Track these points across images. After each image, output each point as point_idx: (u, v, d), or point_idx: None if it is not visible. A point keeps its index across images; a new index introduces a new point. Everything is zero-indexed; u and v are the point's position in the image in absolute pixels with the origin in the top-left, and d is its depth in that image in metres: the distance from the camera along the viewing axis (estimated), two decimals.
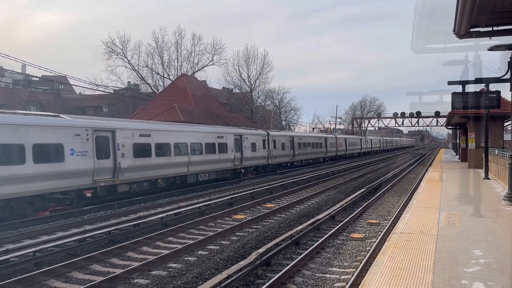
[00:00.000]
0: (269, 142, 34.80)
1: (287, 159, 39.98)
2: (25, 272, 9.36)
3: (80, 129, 16.83)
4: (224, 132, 28.62)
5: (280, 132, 41.35)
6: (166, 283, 8.60)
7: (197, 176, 24.90)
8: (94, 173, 17.23)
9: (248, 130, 33.55)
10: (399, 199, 19.67)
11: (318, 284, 8.51)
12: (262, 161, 34.10)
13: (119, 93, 62.55)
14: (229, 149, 28.12)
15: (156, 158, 21.05)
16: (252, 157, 31.81)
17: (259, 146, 32.86)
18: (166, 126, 23.80)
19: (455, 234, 9.16)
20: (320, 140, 51.01)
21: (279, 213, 16.54)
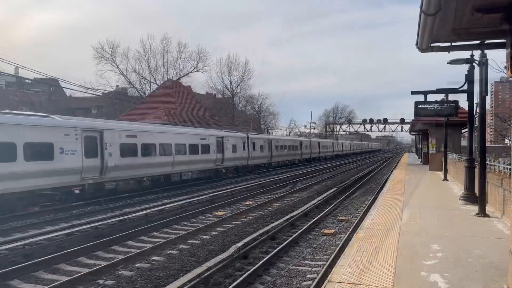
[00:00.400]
0: (248, 144, 34.79)
1: (265, 160, 40.06)
2: (15, 264, 9.13)
3: (69, 129, 16.59)
4: (207, 134, 28.44)
5: (259, 135, 41.39)
6: (149, 275, 8.51)
7: (181, 175, 24.77)
8: (82, 171, 16.98)
9: (229, 132, 33.51)
10: (367, 198, 19.91)
11: (292, 275, 8.56)
12: (242, 162, 34.04)
13: (107, 96, 61.66)
14: (211, 150, 27.99)
15: (142, 157, 20.81)
16: (233, 158, 31.74)
17: (239, 148, 32.82)
18: (151, 128, 23.51)
19: (416, 230, 9.33)
20: (296, 143, 51.14)
21: (256, 210, 16.56)
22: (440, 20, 5.08)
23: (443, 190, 17.08)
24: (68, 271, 9.02)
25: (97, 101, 66.41)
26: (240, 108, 78.62)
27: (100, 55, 59.76)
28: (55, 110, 64.12)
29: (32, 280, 8.41)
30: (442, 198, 14.68)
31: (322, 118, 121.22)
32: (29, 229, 13.00)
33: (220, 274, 8.38)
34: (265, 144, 39.27)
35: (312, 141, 60.57)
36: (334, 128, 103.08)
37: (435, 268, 6.50)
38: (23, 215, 14.68)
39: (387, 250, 7.58)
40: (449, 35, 5.92)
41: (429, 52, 6.72)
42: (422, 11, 4.87)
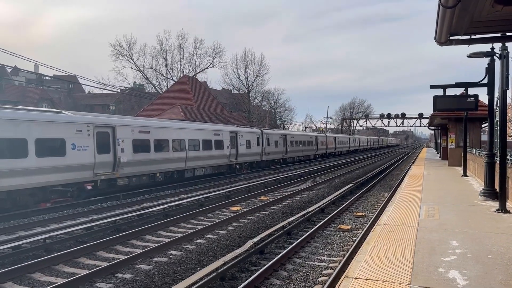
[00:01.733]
0: (263, 139, 34.49)
1: (280, 156, 39.75)
2: (36, 258, 9.36)
3: (81, 125, 16.58)
4: (221, 129, 28.21)
5: (274, 130, 40.83)
6: (167, 269, 8.63)
7: (194, 171, 24.73)
8: (94, 167, 17.01)
9: (243, 128, 33.18)
10: (384, 194, 19.76)
11: (308, 271, 8.56)
12: (256, 158, 33.83)
13: (125, 92, 62.42)
14: (225, 146, 27.86)
15: (155, 153, 20.76)
16: (247, 153, 31.54)
17: (253, 143, 32.59)
18: (164, 123, 23.29)
19: (434, 226, 9.22)
20: (311, 138, 50.47)
21: (272, 206, 16.58)
22: (459, 13, 5.00)
23: (462, 186, 16.81)
24: (87, 264, 9.20)
25: (115, 97, 67.31)
26: (256, 104, 78.73)
27: (117, 52, 60.55)
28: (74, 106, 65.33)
29: (53, 273, 8.61)
30: (461, 194, 14.46)
31: (338, 113, 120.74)
32: (50, 223, 13.30)
33: (237, 269, 8.44)
34: (280, 140, 38.86)
35: (328, 136, 59.79)
36: (351, 123, 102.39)
37: (453, 265, 6.42)
38: (44, 209, 15.01)
39: (404, 246, 7.51)
40: (469, 28, 5.82)
41: (448, 45, 6.62)
42: (440, 4, 4.80)
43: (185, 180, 23.67)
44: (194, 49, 66.17)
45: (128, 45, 61.52)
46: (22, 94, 61.17)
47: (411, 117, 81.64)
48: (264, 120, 70.81)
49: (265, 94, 78.09)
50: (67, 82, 73.53)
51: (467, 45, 7.06)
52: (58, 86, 74.40)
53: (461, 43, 6.76)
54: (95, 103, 73.78)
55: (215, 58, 66.09)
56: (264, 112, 75.93)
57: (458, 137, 27.95)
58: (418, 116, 79.77)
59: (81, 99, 74.56)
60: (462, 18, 5.19)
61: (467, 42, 6.82)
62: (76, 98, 76.05)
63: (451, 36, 6.06)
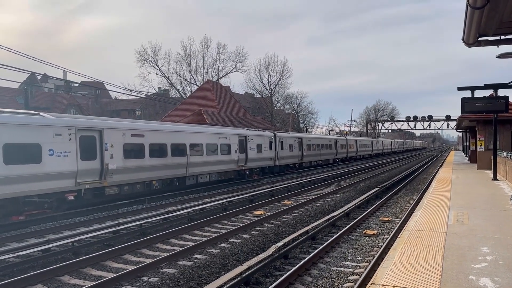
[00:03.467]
0: (276, 143, 32.74)
1: (295, 160, 37.68)
2: (65, 260, 9.59)
3: (61, 128, 14.97)
4: (227, 133, 26.29)
5: (288, 133, 38.99)
6: (192, 273, 8.68)
7: (197, 177, 22.87)
8: (77, 175, 15.38)
9: (254, 131, 31.34)
10: (411, 198, 19.38)
11: (333, 277, 8.47)
12: (269, 162, 31.90)
13: (150, 97, 63.46)
14: (233, 150, 26.13)
15: (150, 159, 19.04)
16: (258, 158, 29.72)
17: (265, 147, 30.78)
18: (161, 126, 21.65)
19: (463, 231, 8.98)
20: (330, 141, 48.37)
21: (296, 210, 16.49)
22: (488, 13, 4.87)
23: (492, 190, 16.31)
24: (114, 267, 9.36)
25: (141, 102, 68.54)
26: (279, 107, 78.65)
27: (143, 58, 61.67)
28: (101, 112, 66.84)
29: (80, 276, 8.79)
30: (492, 198, 14.03)
31: (363, 116, 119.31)
32: (78, 226, 13.60)
33: (261, 273, 8.42)
34: (295, 143, 36.91)
35: (349, 139, 57.40)
36: (375, 126, 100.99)
37: (484, 272, 6.23)
38: (73, 212, 15.36)
39: (433, 252, 7.34)
40: (498, 28, 5.66)
41: (477, 46, 6.46)
42: (468, 5, 4.68)
43: (186, 188, 22.01)
44: (217, 54, 66.88)
45: (153, 51, 62.67)
46: (51, 100, 62.95)
47: (438, 120, 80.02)
48: (287, 123, 70.68)
49: (288, 97, 78.02)
50: (94, 89, 75.33)
51: (497, 45, 6.86)
52: (86, 92, 76.32)
53: (490, 44, 6.57)
54: (121, 108, 75.28)
55: (238, 63, 66.57)
56: (287, 116, 75.78)
57: (487, 140, 27.19)
58: (445, 118, 78.10)
59: (108, 105, 76.19)
60: (491, 19, 5.05)
61: (496, 43, 6.62)
62: (103, 104, 77.77)
63: (479, 37, 5.90)
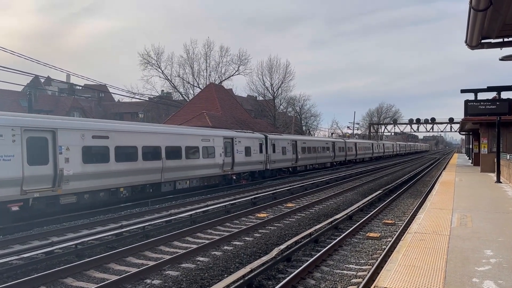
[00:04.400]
0: (267, 146, 30.77)
1: (289, 164, 35.61)
2: (68, 263, 9.60)
3: (2, 128, 13.08)
4: (211, 134, 24.33)
5: (282, 136, 36.55)
6: (195, 275, 8.68)
7: (175, 183, 20.83)
8: (23, 182, 13.43)
9: (242, 133, 29.17)
10: (414, 201, 19.33)
11: (336, 279, 8.45)
12: (259, 166, 29.76)
13: (153, 100, 63.62)
14: (217, 153, 24.16)
15: (117, 163, 17.02)
16: (246, 162, 27.70)
17: (254, 150, 28.70)
18: (130, 127, 18.98)
19: (467, 234, 8.94)
20: (327, 144, 46.28)
21: (299, 212, 16.47)
22: (491, 15, 4.86)
23: (496, 193, 16.25)
24: (117, 270, 9.36)
25: (144, 105, 68.73)
26: (282, 110, 78.68)
27: (146, 61, 61.84)
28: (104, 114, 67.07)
29: (84, 278, 8.80)
30: (495, 201, 13.97)
31: (365, 118, 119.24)
32: (81, 229, 13.62)
33: (264, 276, 8.41)
34: (288, 146, 34.90)
35: (348, 142, 55.35)
36: (378, 129, 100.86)
37: (488, 275, 6.20)
38: (76, 215, 15.39)
39: (436, 255, 7.31)
40: (501, 30, 5.65)
41: (480, 49, 6.45)
42: (471, 7, 4.67)
43: (162, 195, 20.03)
44: (220, 57, 66.97)
45: (156, 54, 62.85)
46: (55, 103, 63.21)
47: (441, 122, 79.94)
48: (290, 126, 70.68)
49: (290, 100, 78.02)
50: (97, 91, 75.62)
51: (500, 48, 6.85)
52: (89, 95, 76.69)
53: (494, 46, 6.56)
54: (124, 111, 75.49)
55: (240, 66, 66.67)
56: (290, 119, 75.79)
57: (490, 142, 27.10)
58: (448, 121, 78.04)
59: (111, 108, 76.46)
60: (494, 21, 5.04)
61: (499, 45, 6.61)
62: (106, 107, 78.05)
63: (482, 39, 5.90)
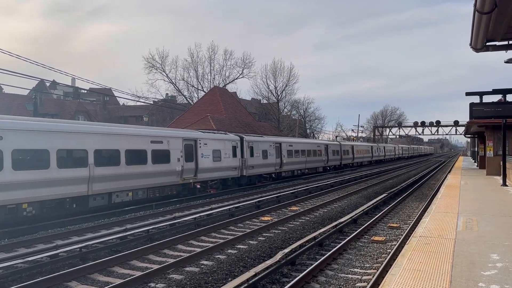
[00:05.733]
0: (243, 149, 26.69)
1: (271, 170, 31.05)
2: (72, 266, 9.61)
3: None
4: (165, 135, 20.02)
5: (262, 138, 31.70)
6: (199, 279, 8.66)
7: (110, 196, 16.69)
8: None
9: (209, 133, 24.77)
10: (419, 204, 19.23)
11: (341, 283, 8.40)
12: (232, 173, 25.60)
13: (158, 104, 63.84)
14: (174, 158, 19.95)
15: (15, 172, 13.08)
16: (215, 168, 23.59)
17: (226, 154, 24.66)
18: (38, 124, 14.50)
19: (472, 238, 8.88)
20: (319, 147, 41.56)
21: (303, 216, 16.41)
22: (496, 18, 4.83)
23: (502, 196, 16.13)
24: (121, 273, 9.36)
25: (148, 109, 68.96)
26: (286, 113, 78.68)
27: (150, 64, 62.17)
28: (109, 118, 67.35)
29: (88, 282, 8.80)
30: (501, 204, 13.87)
31: (370, 121, 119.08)
32: (85, 232, 13.64)
33: (268, 280, 8.38)
34: (271, 149, 30.55)
35: (343, 144, 50.87)
36: (383, 132, 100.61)
37: (494, 279, 6.14)
38: (80, 218, 15.42)
39: (441, 259, 7.26)
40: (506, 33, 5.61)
41: (484, 51, 6.42)
42: (476, 10, 4.65)
43: (91, 211, 16.18)
44: (224, 60, 67.36)
45: (160, 58, 63.24)
46: (60, 107, 63.56)
47: (446, 125, 79.78)
48: (294, 129, 70.64)
49: (294, 103, 78.04)
50: (102, 95, 75.93)
51: (505, 50, 6.81)
52: (94, 98, 77.07)
53: (499, 49, 6.52)
54: (129, 114, 75.79)
55: (244, 69, 66.93)
56: (294, 122, 75.74)
57: (496, 145, 26.95)
58: (453, 123, 77.86)
59: (116, 111, 76.75)
60: (499, 24, 5.01)
61: (504, 47, 6.57)
62: (111, 110, 78.35)
63: (487, 42, 5.87)
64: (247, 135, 29.17)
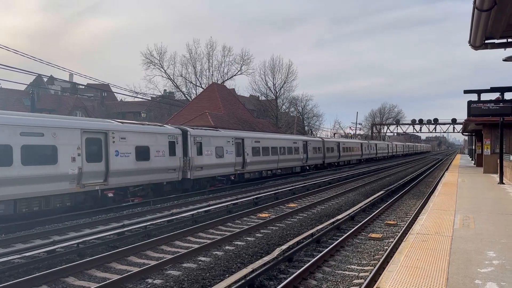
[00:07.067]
0: (187, 146, 21.73)
1: (230, 170, 25.77)
2: (69, 262, 9.61)
3: None
4: (48, 125, 14.73)
5: (217, 131, 26.37)
6: (196, 275, 8.66)
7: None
8: None
9: (130, 125, 19.02)
10: (416, 202, 19.28)
11: (338, 280, 8.42)
12: (169, 176, 20.36)
13: (156, 100, 63.70)
14: (64, 158, 14.95)
15: None
16: (139, 170, 18.29)
17: (160, 152, 19.63)
18: None
19: (469, 235, 8.91)
20: (296, 143, 36.27)
21: (301, 213, 16.43)
22: (495, 16, 4.83)
23: (498, 194, 16.19)
24: (119, 269, 9.36)
25: (146, 105, 68.87)
26: (284, 110, 78.64)
27: (148, 60, 61.97)
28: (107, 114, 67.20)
29: (85, 278, 8.80)
30: (498, 202, 13.92)
31: (368, 119, 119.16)
32: (83, 228, 13.63)
33: (265, 276, 8.39)
34: (228, 146, 25.40)
35: (327, 141, 45.67)
36: (381, 129, 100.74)
37: (491, 276, 6.17)
38: (77, 214, 15.40)
39: (438, 256, 7.28)
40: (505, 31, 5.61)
41: (483, 49, 6.42)
42: (475, 7, 4.64)
43: None
44: (222, 56, 67.10)
45: (158, 54, 63.00)
46: (58, 102, 63.33)
47: (444, 123, 79.89)
48: (292, 126, 70.64)
49: (293, 100, 77.96)
50: (100, 91, 75.79)
51: (504, 48, 6.82)
52: (92, 94, 76.84)
53: (497, 47, 6.53)
54: (127, 110, 75.60)
55: (243, 66, 66.77)
56: (292, 119, 75.73)
57: (493, 143, 27.03)
58: (451, 121, 77.97)
59: (114, 107, 76.55)
60: (498, 21, 5.01)
61: (503, 45, 6.57)
62: (108, 106, 78.15)
63: (486, 39, 5.87)
64: (194, 128, 23.90)
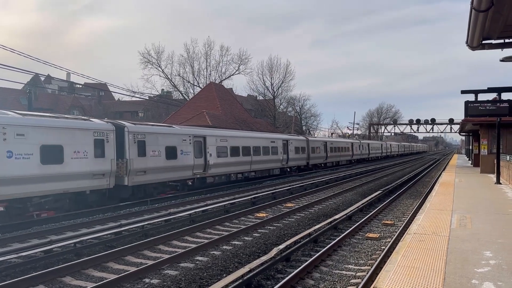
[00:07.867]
0: (125, 144, 17.94)
1: (186, 175, 21.95)
2: (67, 261, 9.58)
3: None
4: None
5: (168, 128, 22.02)
6: (193, 275, 8.66)
7: None
8: None
9: (30, 117, 14.67)
10: (414, 202, 19.31)
11: (335, 280, 8.43)
12: (94, 183, 16.44)
13: (153, 99, 63.60)
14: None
15: None
16: (45, 176, 14.47)
17: (82, 153, 15.82)
18: None
19: (466, 235, 8.93)
20: (275, 143, 32.04)
21: (298, 212, 16.44)
22: (493, 16, 4.84)
23: (495, 194, 16.23)
24: (116, 269, 9.34)
25: (144, 104, 68.77)
26: (282, 110, 78.62)
27: (146, 60, 61.85)
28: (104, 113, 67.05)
29: (82, 277, 8.78)
30: (495, 202, 13.96)
31: (366, 118, 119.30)
32: (80, 227, 13.59)
33: (263, 276, 8.39)
34: (185, 146, 21.48)
35: (312, 140, 40.94)
36: (378, 129, 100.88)
37: (487, 276, 6.19)
38: (74, 213, 15.36)
39: (435, 256, 7.30)
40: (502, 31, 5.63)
41: (480, 50, 6.44)
42: (473, 8, 4.65)
43: None
44: (220, 56, 67.01)
45: (156, 53, 62.87)
46: (55, 101, 63.21)
47: (441, 123, 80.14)
48: (290, 126, 70.65)
49: (290, 100, 77.92)
50: (97, 90, 75.64)
51: (501, 49, 6.84)
52: (89, 93, 76.73)
53: (494, 47, 6.55)
54: (124, 110, 75.48)
55: (241, 65, 66.73)
56: (290, 118, 75.74)
57: (490, 143, 27.08)
58: (448, 121, 78.22)
59: (111, 107, 76.39)
60: (495, 22, 5.02)
61: (500, 46, 6.59)
62: (106, 106, 77.98)
63: (483, 40, 5.89)
64: (136, 123, 19.88)
